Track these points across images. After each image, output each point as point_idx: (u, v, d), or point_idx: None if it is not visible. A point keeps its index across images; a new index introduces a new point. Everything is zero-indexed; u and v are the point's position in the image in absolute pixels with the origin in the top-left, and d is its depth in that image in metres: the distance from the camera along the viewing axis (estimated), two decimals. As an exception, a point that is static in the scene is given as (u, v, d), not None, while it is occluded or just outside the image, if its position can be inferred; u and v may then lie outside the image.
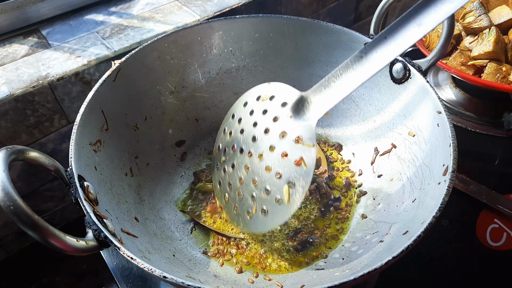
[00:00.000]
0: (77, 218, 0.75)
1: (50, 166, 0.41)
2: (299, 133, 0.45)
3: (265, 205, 0.47)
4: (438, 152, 0.48)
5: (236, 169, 0.51)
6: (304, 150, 0.44)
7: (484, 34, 0.69)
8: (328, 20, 0.97)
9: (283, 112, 0.47)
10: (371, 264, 0.37)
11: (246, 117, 0.51)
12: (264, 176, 0.47)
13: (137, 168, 0.58)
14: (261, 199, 0.48)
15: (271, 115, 0.48)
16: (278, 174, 0.46)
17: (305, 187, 0.44)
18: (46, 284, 0.69)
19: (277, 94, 0.49)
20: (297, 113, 0.46)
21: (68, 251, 0.35)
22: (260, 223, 0.48)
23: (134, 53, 0.56)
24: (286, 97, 0.48)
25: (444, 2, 0.37)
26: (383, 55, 0.41)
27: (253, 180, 0.49)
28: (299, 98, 0.46)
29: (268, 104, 0.49)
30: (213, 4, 0.76)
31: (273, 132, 0.48)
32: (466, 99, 0.77)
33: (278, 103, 0.48)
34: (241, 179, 0.51)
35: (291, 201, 0.45)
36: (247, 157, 0.50)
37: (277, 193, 0.46)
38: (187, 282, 0.35)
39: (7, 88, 0.57)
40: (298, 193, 0.44)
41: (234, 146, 0.52)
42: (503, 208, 0.61)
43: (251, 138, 0.50)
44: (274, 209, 0.46)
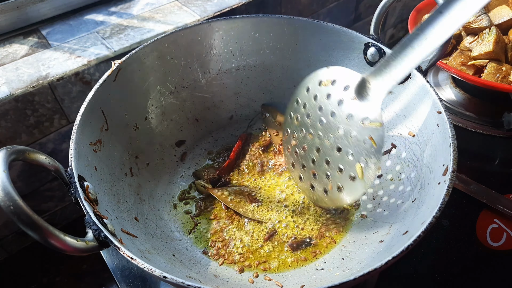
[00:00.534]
0: (77, 218, 0.75)
1: (50, 166, 0.41)
2: (365, 114, 0.47)
3: (340, 182, 0.50)
4: (438, 152, 0.48)
5: (308, 152, 0.55)
6: (372, 130, 0.47)
7: (484, 34, 0.69)
8: (328, 20, 0.97)
9: (347, 95, 0.49)
10: (371, 264, 0.37)
11: (311, 102, 0.53)
12: (336, 156, 0.51)
13: (137, 168, 0.58)
14: (335, 177, 0.51)
15: (335, 99, 0.50)
16: (349, 153, 0.49)
17: (377, 163, 0.46)
18: (46, 284, 0.69)
19: (338, 78, 0.50)
20: (360, 95, 0.48)
21: (68, 251, 0.35)
22: (337, 198, 0.51)
23: (134, 53, 0.56)
24: (348, 80, 0.49)
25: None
26: (440, 30, 0.40)
27: (326, 160, 0.52)
28: (361, 81, 0.48)
29: (330, 89, 0.51)
30: (213, 4, 0.76)
31: (339, 115, 0.50)
32: (466, 99, 0.76)
33: (341, 87, 0.50)
34: (314, 160, 0.54)
35: (365, 177, 0.47)
36: (317, 139, 0.53)
37: (350, 170, 0.49)
38: (187, 282, 0.35)
39: (7, 88, 0.57)
40: (371, 170, 0.47)
41: (303, 130, 0.55)
42: (503, 208, 0.61)
43: (318, 122, 0.52)
44: (349, 185, 0.49)
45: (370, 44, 0.58)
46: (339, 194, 0.51)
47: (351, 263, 0.49)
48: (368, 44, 0.58)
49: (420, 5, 0.80)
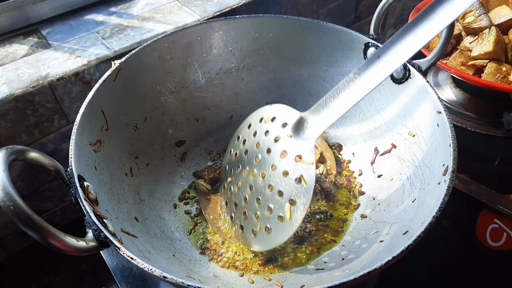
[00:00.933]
0: (77, 218, 0.75)
1: (50, 166, 0.41)
2: (299, 151, 0.47)
3: (269, 223, 0.49)
4: (438, 152, 0.48)
5: (241, 189, 0.54)
6: (303, 168, 0.46)
7: (484, 34, 0.69)
8: (328, 20, 0.97)
9: (284, 132, 0.50)
10: (371, 264, 0.37)
11: (250, 138, 0.54)
12: (267, 194, 0.49)
13: (137, 168, 0.58)
14: (264, 218, 0.50)
15: (272, 136, 0.51)
16: (280, 192, 0.48)
17: (306, 204, 0.45)
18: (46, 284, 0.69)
19: (278, 115, 0.51)
20: (297, 132, 0.49)
21: (68, 251, 0.35)
22: (265, 241, 0.50)
23: (134, 53, 0.56)
24: (286, 118, 0.50)
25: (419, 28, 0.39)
26: (375, 74, 0.42)
27: (257, 199, 0.51)
28: (299, 119, 0.49)
29: (270, 125, 0.52)
30: (213, 4, 0.76)
31: (274, 152, 0.50)
32: (466, 99, 0.76)
33: (279, 124, 0.50)
34: (246, 198, 0.53)
35: (292, 218, 0.46)
36: (251, 177, 0.52)
37: (279, 211, 0.48)
38: (187, 282, 0.35)
39: (7, 88, 0.57)
40: (299, 210, 0.46)
41: (239, 166, 0.55)
42: (503, 208, 0.61)
43: (254, 158, 0.52)
44: (276, 227, 0.48)
45: (370, 44, 0.58)
46: (266, 237, 0.49)
47: (351, 263, 0.49)
48: (368, 44, 0.58)
49: (420, 5, 0.80)
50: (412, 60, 0.55)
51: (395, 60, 0.41)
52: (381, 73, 0.42)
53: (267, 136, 0.51)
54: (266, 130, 0.52)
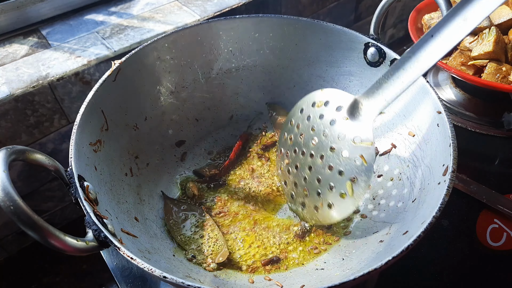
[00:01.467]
0: (77, 218, 0.75)
1: (50, 166, 0.41)
2: (357, 133, 0.49)
3: (331, 200, 0.51)
4: (438, 152, 0.48)
5: (300, 170, 0.55)
6: (363, 148, 0.48)
7: (484, 34, 0.69)
8: (328, 20, 0.97)
9: (339, 116, 0.50)
10: (371, 264, 0.37)
11: (304, 123, 0.55)
12: (327, 174, 0.51)
13: (137, 168, 0.58)
14: (326, 195, 0.52)
15: (327, 119, 0.52)
16: (340, 172, 0.50)
17: (367, 181, 0.47)
18: (46, 284, 0.69)
19: (331, 99, 0.52)
20: (352, 115, 0.49)
21: (68, 251, 0.35)
22: (327, 215, 0.52)
23: (134, 53, 0.56)
24: (340, 101, 0.51)
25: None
26: (430, 53, 0.42)
27: (317, 178, 0.52)
28: (353, 102, 0.49)
29: (323, 109, 0.52)
30: (213, 4, 0.76)
31: (331, 134, 0.51)
32: (466, 99, 0.76)
33: (333, 108, 0.51)
34: (306, 178, 0.54)
35: (355, 194, 0.48)
36: (309, 158, 0.54)
37: (341, 188, 0.50)
38: (187, 282, 0.35)
39: (7, 88, 0.57)
40: (361, 187, 0.48)
41: (296, 149, 0.56)
42: (503, 208, 0.61)
43: (311, 141, 0.53)
44: (339, 203, 0.50)
45: (370, 44, 0.58)
46: (329, 211, 0.51)
47: (351, 263, 0.49)
48: (368, 44, 0.58)
49: (420, 5, 0.80)
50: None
51: (449, 39, 0.40)
52: (436, 52, 0.41)
53: (322, 120, 0.52)
54: (320, 114, 0.52)
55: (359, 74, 0.62)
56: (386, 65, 0.58)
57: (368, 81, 0.61)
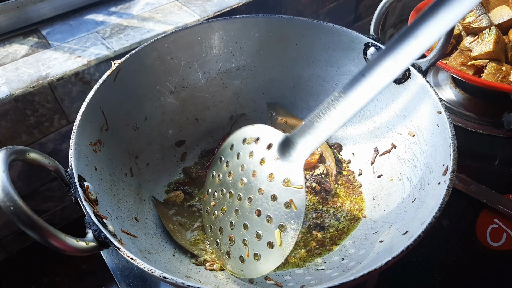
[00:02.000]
0: (77, 218, 0.75)
1: (50, 167, 0.41)
2: (287, 174, 0.45)
3: (257, 250, 0.46)
4: (438, 152, 0.48)
5: (227, 214, 0.51)
6: (293, 192, 0.44)
7: (484, 34, 0.69)
8: (328, 20, 0.97)
9: (269, 154, 0.47)
10: (371, 264, 0.37)
11: (234, 160, 0.51)
12: (255, 220, 0.47)
13: (137, 168, 0.58)
14: (253, 244, 0.47)
15: (258, 158, 0.48)
16: (269, 217, 0.45)
17: (297, 229, 0.43)
18: (46, 284, 0.69)
19: (262, 136, 0.49)
20: (283, 154, 0.46)
21: (68, 251, 0.35)
22: (254, 268, 0.47)
23: (134, 53, 0.56)
24: (271, 139, 0.48)
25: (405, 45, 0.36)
26: (362, 93, 0.40)
27: (244, 224, 0.48)
28: (284, 139, 0.46)
29: (254, 147, 0.49)
30: (213, 4, 0.76)
31: (260, 175, 0.47)
32: (466, 99, 0.76)
33: (264, 145, 0.48)
34: (232, 223, 0.50)
35: (283, 245, 0.44)
36: (237, 201, 0.49)
37: (268, 237, 0.45)
38: (187, 283, 0.35)
39: (7, 88, 0.57)
40: (290, 236, 0.44)
41: (223, 189, 0.52)
42: (503, 208, 0.61)
43: (239, 181, 0.50)
44: (266, 253, 0.45)
45: (370, 44, 0.58)
46: (255, 263, 0.46)
47: (351, 263, 0.49)
48: (368, 44, 0.58)
49: (420, 5, 0.80)
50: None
51: (380, 80, 0.38)
52: (367, 92, 0.39)
53: (252, 158, 0.49)
54: (250, 151, 0.49)
55: (359, 74, 0.62)
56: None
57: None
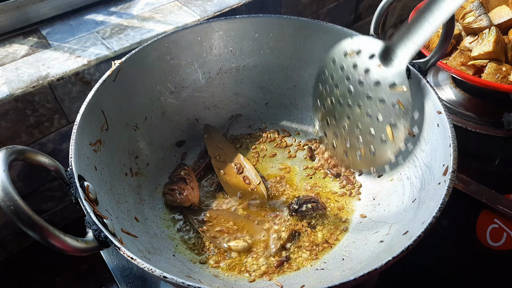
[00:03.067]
0: (77, 218, 0.75)
1: (50, 166, 0.41)
2: (391, 79, 0.50)
3: (372, 146, 0.53)
4: (438, 152, 0.48)
5: (339, 120, 0.57)
6: (399, 94, 0.50)
7: (484, 34, 0.69)
8: (328, 20, 0.97)
9: (373, 63, 0.52)
10: (371, 264, 0.37)
11: (338, 73, 0.56)
12: (366, 122, 0.53)
13: (137, 168, 0.58)
14: (367, 142, 0.54)
15: (362, 68, 0.53)
16: (379, 118, 0.52)
17: (406, 125, 0.49)
18: (46, 284, 0.69)
19: (363, 48, 0.53)
20: (385, 61, 0.51)
21: (68, 251, 0.35)
22: (371, 161, 0.54)
23: (134, 53, 0.56)
24: (372, 49, 0.52)
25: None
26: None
27: (357, 126, 0.55)
28: (384, 48, 0.51)
29: (356, 59, 0.54)
30: (213, 4, 0.76)
31: (367, 83, 0.53)
32: (466, 99, 0.76)
33: (366, 56, 0.53)
34: (345, 127, 0.56)
35: (395, 138, 0.50)
36: (347, 108, 0.56)
37: (381, 133, 0.52)
38: (187, 282, 0.35)
39: (7, 88, 0.57)
40: (401, 131, 0.50)
41: (332, 100, 0.58)
42: (503, 208, 0.61)
43: (347, 91, 0.55)
44: (380, 148, 0.52)
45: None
46: (372, 157, 0.54)
47: (351, 263, 0.49)
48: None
49: (420, 5, 0.80)
50: (412, 60, 0.55)
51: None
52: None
53: (356, 69, 0.54)
54: (354, 64, 0.54)
55: (359, 74, 0.62)
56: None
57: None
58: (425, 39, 0.47)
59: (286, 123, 0.70)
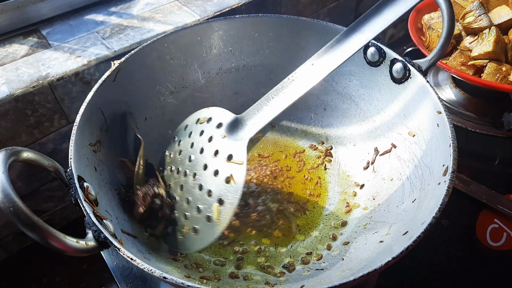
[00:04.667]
0: (77, 219, 0.75)
1: (50, 167, 0.41)
2: (231, 151, 0.48)
3: (197, 224, 0.48)
4: (438, 152, 0.48)
5: (172, 190, 0.53)
6: (234, 167, 0.47)
7: (484, 34, 0.69)
8: (328, 20, 0.97)
9: (218, 132, 0.51)
10: (371, 264, 0.37)
11: (185, 139, 0.55)
12: (197, 194, 0.49)
13: (137, 168, 0.58)
14: (193, 218, 0.49)
15: (206, 136, 0.52)
16: (209, 192, 0.48)
17: (234, 203, 0.46)
18: (46, 284, 0.69)
19: (214, 117, 0.52)
20: (231, 133, 0.50)
21: (68, 252, 0.35)
22: (192, 242, 0.49)
23: (134, 53, 0.56)
24: (222, 119, 0.51)
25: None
26: (309, 78, 0.49)
27: (187, 199, 0.50)
28: (234, 120, 0.51)
29: (205, 126, 0.53)
30: (213, 4, 0.76)
31: (207, 152, 0.51)
32: (466, 99, 0.76)
33: (214, 125, 0.52)
34: (176, 199, 0.52)
35: (220, 218, 0.46)
36: (183, 177, 0.52)
37: (207, 211, 0.47)
38: (187, 283, 0.35)
39: (7, 88, 0.57)
40: (227, 210, 0.46)
41: (172, 167, 0.55)
42: (503, 208, 0.61)
43: (187, 158, 0.53)
44: (204, 227, 0.48)
45: (370, 44, 0.58)
46: (194, 237, 0.48)
47: (351, 263, 0.49)
48: (368, 43, 0.58)
49: (420, 5, 0.80)
50: (412, 60, 0.55)
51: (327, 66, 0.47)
52: (313, 77, 0.48)
53: (201, 137, 0.52)
54: (201, 131, 0.53)
55: (359, 74, 0.62)
56: (386, 64, 0.58)
57: (368, 81, 0.61)
58: (274, 116, 0.48)
59: (286, 123, 0.70)
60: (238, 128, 0.50)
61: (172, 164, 0.55)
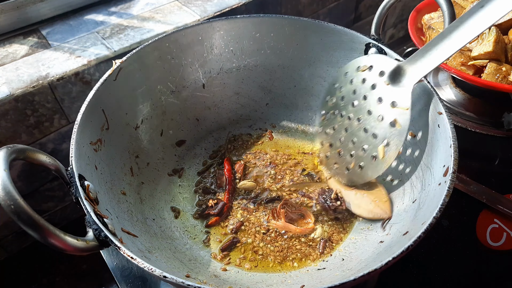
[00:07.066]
0: (78, 218, 0.75)
1: (51, 165, 0.41)
2: (395, 98, 0.52)
3: (362, 162, 0.55)
4: (439, 152, 0.48)
5: (337, 131, 0.59)
6: (398, 112, 0.51)
7: (484, 34, 0.69)
8: (328, 20, 0.97)
9: (381, 80, 0.53)
10: (371, 264, 0.37)
11: (347, 86, 0.58)
12: (362, 136, 0.55)
13: (137, 168, 0.58)
14: (358, 157, 0.56)
15: (369, 83, 0.55)
16: (374, 135, 0.53)
17: (399, 145, 0.51)
18: (46, 284, 0.69)
19: (375, 64, 0.55)
20: (393, 80, 0.52)
21: (69, 250, 0.35)
22: (357, 176, 0.56)
23: (135, 53, 0.56)
24: (384, 67, 0.53)
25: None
26: (479, 21, 0.45)
27: (352, 140, 0.57)
28: (396, 67, 0.52)
29: (367, 74, 0.55)
30: (213, 4, 0.76)
31: (371, 98, 0.54)
32: (466, 99, 0.76)
33: (376, 72, 0.54)
34: (341, 140, 0.59)
35: (385, 158, 0.52)
36: (347, 120, 0.57)
37: (373, 151, 0.53)
38: (187, 282, 0.35)
39: (7, 88, 0.57)
40: (392, 151, 0.51)
41: (335, 111, 0.60)
42: (503, 208, 0.61)
43: (350, 103, 0.57)
44: (369, 165, 0.54)
45: (371, 45, 0.58)
46: (359, 172, 0.55)
47: (351, 263, 0.49)
48: (369, 44, 0.58)
49: (420, 5, 0.80)
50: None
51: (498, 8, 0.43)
52: (485, 20, 0.44)
53: (364, 84, 0.55)
54: (363, 78, 0.55)
55: (360, 74, 0.62)
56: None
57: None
58: (437, 64, 0.48)
59: (287, 123, 0.70)
60: (401, 75, 0.51)
61: (335, 109, 0.60)
